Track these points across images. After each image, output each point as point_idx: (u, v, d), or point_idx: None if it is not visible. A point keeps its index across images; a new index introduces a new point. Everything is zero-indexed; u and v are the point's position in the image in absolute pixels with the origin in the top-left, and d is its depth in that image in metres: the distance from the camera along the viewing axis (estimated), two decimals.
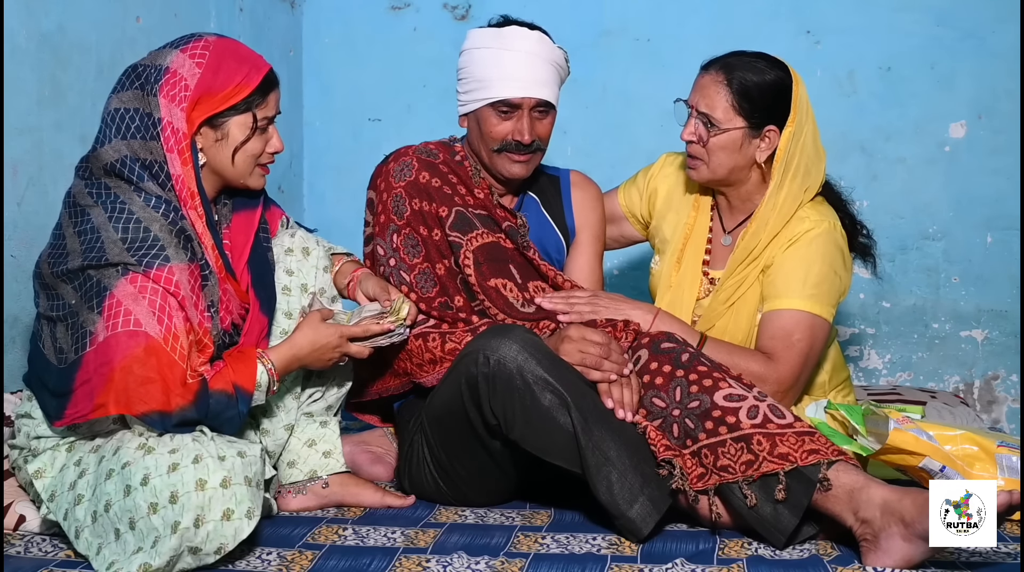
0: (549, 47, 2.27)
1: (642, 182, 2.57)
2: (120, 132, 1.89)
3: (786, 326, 2.23)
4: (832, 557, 1.85)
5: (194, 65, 1.90)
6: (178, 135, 1.89)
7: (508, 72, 2.24)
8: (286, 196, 3.50)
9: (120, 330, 1.79)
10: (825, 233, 2.28)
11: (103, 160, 1.88)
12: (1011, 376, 3.37)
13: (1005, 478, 2.01)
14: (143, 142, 1.88)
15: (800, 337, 2.22)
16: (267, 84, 1.97)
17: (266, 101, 1.97)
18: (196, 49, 1.92)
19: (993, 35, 3.30)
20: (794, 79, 2.29)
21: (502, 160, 2.30)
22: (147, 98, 1.89)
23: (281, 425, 2.15)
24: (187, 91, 1.89)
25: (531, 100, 2.25)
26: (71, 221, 1.88)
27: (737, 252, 2.34)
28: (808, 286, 2.24)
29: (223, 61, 1.92)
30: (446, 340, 2.19)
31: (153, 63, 1.91)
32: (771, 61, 2.31)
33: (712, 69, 2.31)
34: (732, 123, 2.27)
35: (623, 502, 1.92)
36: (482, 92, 2.26)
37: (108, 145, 1.89)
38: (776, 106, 2.27)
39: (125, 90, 1.92)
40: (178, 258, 1.86)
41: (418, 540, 1.94)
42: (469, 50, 2.30)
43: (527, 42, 2.25)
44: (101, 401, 1.79)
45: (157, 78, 1.89)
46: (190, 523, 1.71)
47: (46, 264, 1.88)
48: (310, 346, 2.01)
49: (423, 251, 2.29)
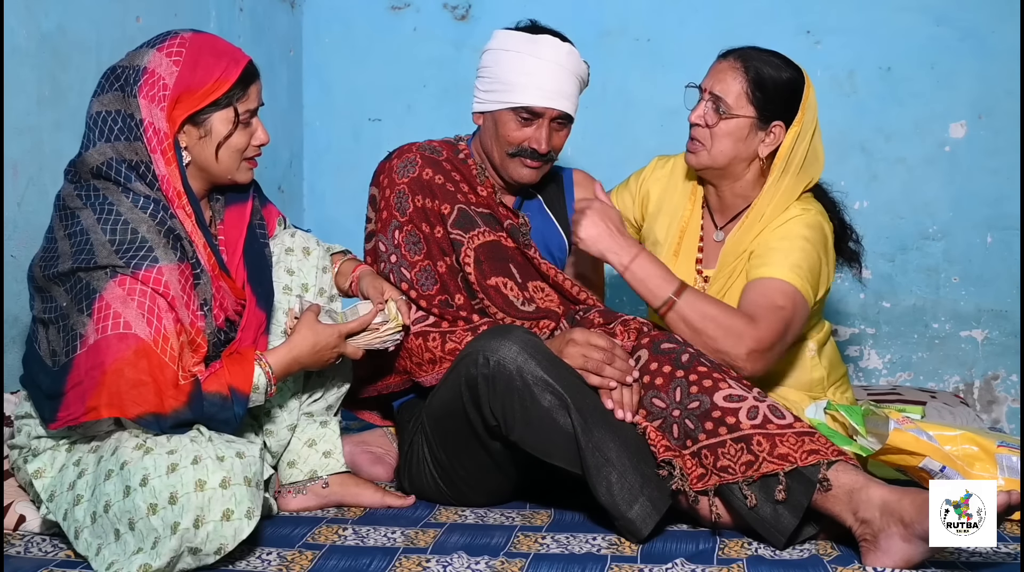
0: (577, 60, 2.28)
1: (634, 186, 2.59)
2: (104, 135, 1.88)
3: (769, 292, 2.21)
4: (832, 557, 1.85)
5: (171, 63, 1.88)
6: (160, 135, 1.88)
7: (535, 80, 2.24)
8: (286, 196, 3.50)
9: (110, 333, 1.79)
10: (813, 219, 2.31)
11: (89, 164, 1.87)
12: (1011, 376, 3.37)
13: (1005, 478, 2.01)
14: (128, 143, 1.88)
15: (783, 304, 2.19)
16: (247, 77, 1.95)
17: (247, 94, 1.95)
18: (172, 47, 1.90)
19: (993, 35, 3.30)
20: (807, 82, 2.33)
21: (514, 164, 2.30)
22: (127, 99, 1.88)
23: (284, 425, 2.16)
24: (166, 90, 1.87)
25: (554, 111, 2.26)
26: (61, 223, 1.88)
27: (729, 246, 2.36)
28: (791, 258, 2.23)
29: (200, 57, 1.90)
30: (446, 340, 2.19)
31: (131, 64, 1.90)
32: (787, 61, 2.34)
33: (731, 57, 2.34)
34: (742, 110, 2.29)
35: (623, 503, 1.92)
36: (506, 95, 2.26)
37: (93, 149, 1.88)
38: (787, 103, 2.30)
39: (105, 93, 1.91)
40: (167, 258, 1.86)
41: (418, 540, 1.94)
42: (496, 50, 2.30)
43: (558, 53, 2.26)
44: (93, 404, 1.79)
45: (136, 79, 1.88)
46: (190, 524, 1.71)
47: (38, 267, 1.88)
48: (310, 348, 2.01)
49: (424, 248, 2.29)
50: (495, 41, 2.32)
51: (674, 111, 2.40)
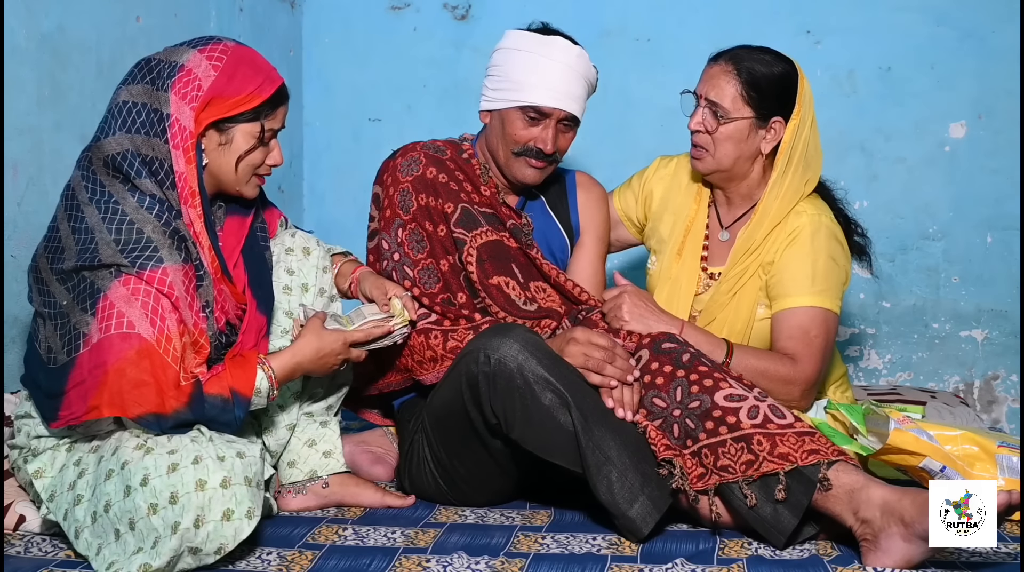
0: (586, 64, 2.29)
1: (637, 185, 2.59)
2: (125, 126, 1.88)
3: (802, 324, 2.26)
4: (832, 557, 1.85)
5: (210, 67, 1.89)
6: (184, 133, 1.88)
7: (545, 80, 2.25)
8: (286, 196, 3.50)
9: (113, 332, 1.79)
10: (824, 226, 2.32)
11: (105, 151, 1.87)
12: (1011, 376, 3.37)
13: (1005, 478, 2.01)
14: (147, 138, 1.87)
15: (817, 333, 2.26)
16: (278, 97, 1.96)
17: (275, 113, 1.97)
18: (215, 52, 1.91)
19: (993, 35, 3.30)
20: (799, 73, 2.33)
21: (519, 163, 2.31)
22: (157, 93, 1.88)
23: (283, 425, 2.16)
24: (199, 91, 1.88)
25: (561, 112, 2.27)
26: (66, 214, 1.88)
27: (739, 244, 2.37)
28: (816, 282, 2.28)
29: (239, 67, 1.91)
30: (448, 338, 2.19)
31: (168, 59, 1.91)
32: (777, 55, 2.35)
33: (721, 60, 2.34)
34: (740, 112, 2.30)
35: (623, 501, 1.92)
36: (514, 94, 2.27)
37: (111, 137, 1.88)
38: (783, 98, 2.31)
39: (135, 83, 1.90)
40: (172, 259, 1.86)
41: (418, 540, 1.94)
42: (507, 50, 2.31)
43: (569, 55, 2.27)
44: (95, 403, 1.79)
45: (171, 74, 1.88)
46: (190, 523, 1.71)
47: (43, 258, 1.88)
48: (314, 353, 2.01)
49: (427, 247, 2.30)
50: (507, 40, 2.33)
51: (674, 111, 2.40)
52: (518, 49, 2.30)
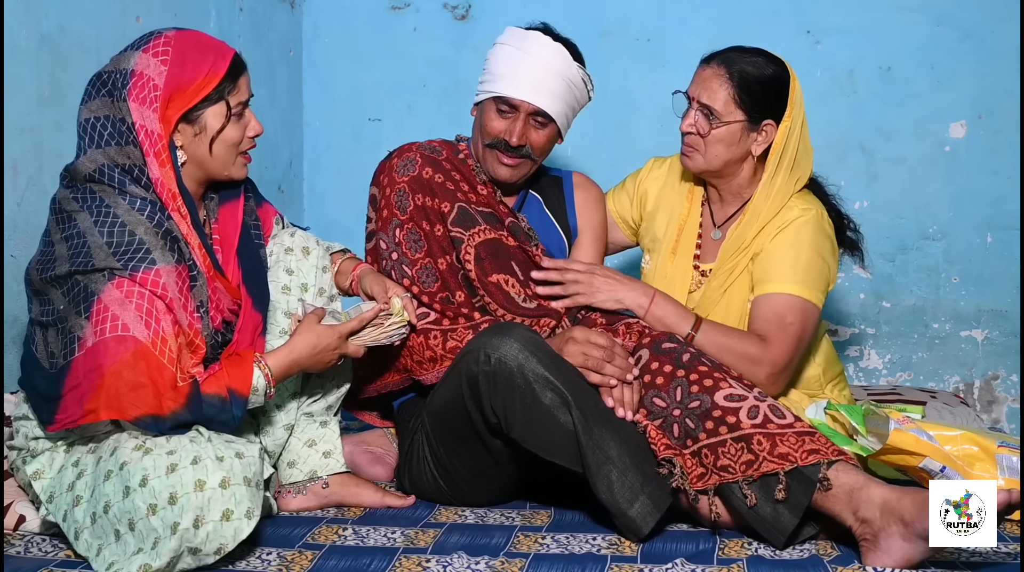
0: (566, 62, 2.29)
1: (631, 186, 2.60)
2: (95, 142, 1.87)
3: (778, 309, 2.25)
4: (832, 557, 1.85)
5: (159, 63, 1.87)
6: (152, 138, 1.87)
7: (517, 73, 2.26)
8: (286, 196, 3.50)
9: (108, 335, 1.78)
10: (813, 220, 2.32)
11: (82, 172, 1.87)
12: (1011, 376, 3.37)
13: (1005, 478, 2.01)
14: (119, 148, 1.87)
15: (792, 320, 2.24)
16: (235, 69, 1.94)
17: (237, 86, 1.95)
18: (158, 47, 1.89)
19: (993, 35, 3.30)
20: (791, 75, 2.33)
21: (491, 157, 2.32)
22: (116, 104, 1.87)
23: (281, 425, 2.15)
24: (157, 91, 1.87)
25: (530, 106, 2.27)
26: (58, 227, 1.87)
27: (729, 242, 2.37)
28: (798, 271, 2.27)
29: (187, 54, 1.89)
30: (447, 338, 2.19)
31: (117, 68, 1.89)
32: (769, 57, 2.35)
33: (713, 62, 2.34)
34: (732, 116, 2.30)
35: (623, 501, 1.92)
36: (490, 85, 2.30)
37: (85, 156, 1.87)
38: (774, 101, 2.31)
39: (93, 99, 1.90)
40: (165, 260, 1.85)
41: (418, 540, 1.94)
42: (497, 44, 2.35)
43: (545, 51, 2.27)
44: (91, 406, 1.78)
45: (124, 83, 1.87)
46: (190, 524, 1.71)
47: (35, 270, 1.88)
48: (310, 350, 2.01)
49: (425, 246, 2.30)
50: (501, 36, 2.35)
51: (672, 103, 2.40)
52: (504, 43, 2.32)
